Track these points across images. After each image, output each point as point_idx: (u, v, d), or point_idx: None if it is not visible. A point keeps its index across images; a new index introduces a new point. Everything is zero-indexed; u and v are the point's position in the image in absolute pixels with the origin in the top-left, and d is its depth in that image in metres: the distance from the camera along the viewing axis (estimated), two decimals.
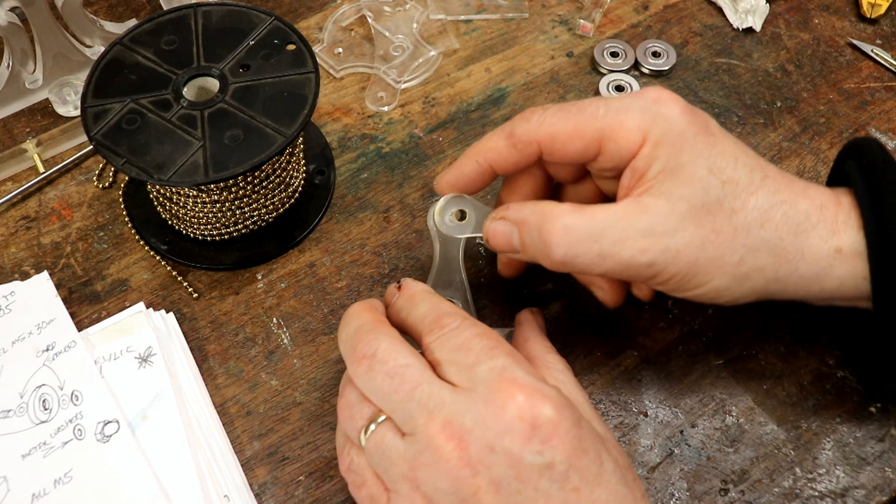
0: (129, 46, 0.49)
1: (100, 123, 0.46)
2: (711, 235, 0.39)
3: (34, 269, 0.51)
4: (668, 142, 0.39)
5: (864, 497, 0.43)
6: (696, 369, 0.47)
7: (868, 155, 0.41)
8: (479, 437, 0.33)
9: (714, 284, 0.40)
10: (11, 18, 0.54)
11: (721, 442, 0.45)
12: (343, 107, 0.59)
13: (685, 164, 0.39)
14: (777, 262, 0.39)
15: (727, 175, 0.39)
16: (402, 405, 0.34)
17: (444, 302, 0.39)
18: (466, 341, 0.36)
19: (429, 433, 0.33)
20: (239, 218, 0.50)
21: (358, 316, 0.38)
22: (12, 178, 0.55)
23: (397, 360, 0.35)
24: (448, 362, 0.36)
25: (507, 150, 0.43)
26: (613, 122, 0.40)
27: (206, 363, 0.47)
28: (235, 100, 0.47)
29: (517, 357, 0.36)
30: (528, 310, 0.46)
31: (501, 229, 0.42)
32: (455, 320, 0.37)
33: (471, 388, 0.34)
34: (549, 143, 0.41)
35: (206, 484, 0.43)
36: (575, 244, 0.39)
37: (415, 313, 0.39)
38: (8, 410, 0.45)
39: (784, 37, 0.62)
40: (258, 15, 0.51)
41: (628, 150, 0.40)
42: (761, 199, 0.39)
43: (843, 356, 0.47)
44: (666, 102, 0.40)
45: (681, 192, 0.39)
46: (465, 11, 0.63)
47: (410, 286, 0.41)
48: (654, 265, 0.39)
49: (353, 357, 0.36)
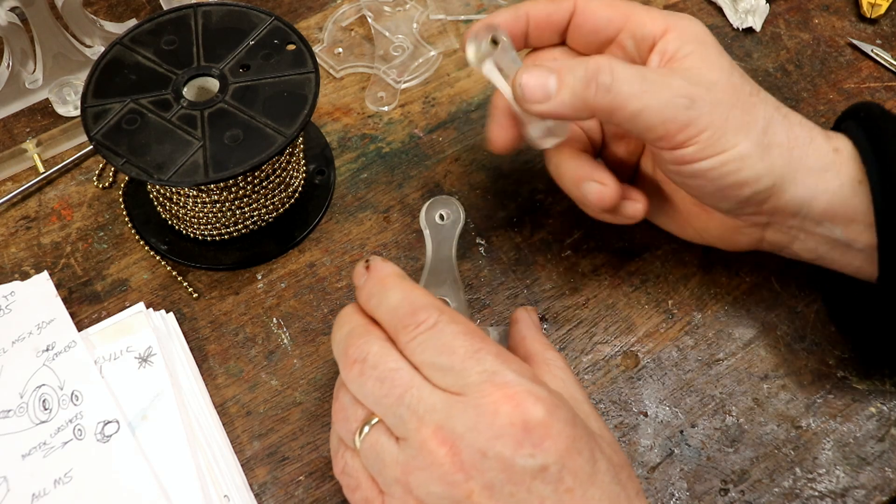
0: (129, 46, 0.49)
1: (100, 123, 0.46)
2: (739, 103, 0.41)
3: (34, 269, 0.51)
4: (692, 35, 0.43)
5: (864, 497, 0.43)
6: (696, 369, 0.47)
7: (864, 110, 0.44)
8: (471, 443, 0.33)
9: (742, 149, 0.41)
10: (11, 18, 0.54)
11: (721, 442, 0.45)
12: (343, 107, 0.59)
13: (712, 52, 0.43)
14: (790, 142, 0.42)
15: (742, 72, 0.43)
16: (392, 409, 0.34)
17: (417, 289, 0.37)
18: (448, 343, 0.35)
19: (421, 438, 0.33)
20: (239, 218, 0.50)
21: (349, 318, 0.38)
22: (12, 178, 0.55)
23: (387, 364, 0.35)
24: (432, 367, 0.34)
25: (543, 3, 0.46)
26: (640, 9, 0.45)
27: (206, 363, 0.47)
28: (235, 100, 0.47)
29: (505, 357, 0.35)
30: (523, 308, 0.46)
31: (535, 73, 0.42)
32: (431, 315, 0.35)
33: (460, 393, 0.34)
34: (585, 1, 0.45)
35: (206, 484, 0.43)
36: (621, 77, 0.40)
37: (385, 303, 0.37)
38: (8, 410, 0.45)
39: (784, 37, 0.62)
40: (258, 15, 0.51)
41: (651, 31, 0.43)
42: (769, 97, 0.43)
43: (843, 356, 0.47)
44: (686, 16, 0.44)
45: (710, 68, 0.42)
46: (465, 11, 0.63)
47: (379, 267, 0.38)
48: (691, 110, 0.40)
49: (344, 361, 0.36)
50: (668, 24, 0.43)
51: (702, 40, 0.43)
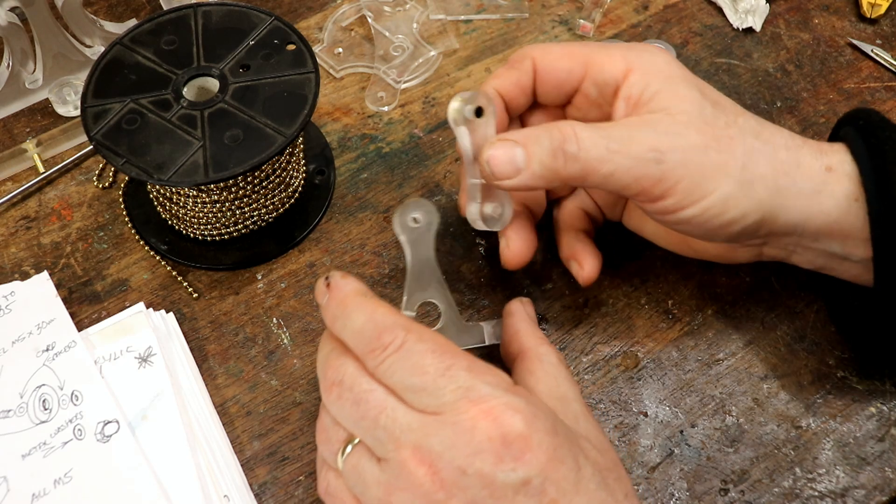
0: (129, 46, 0.49)
1: (100, 123, 0.46)
2: (713, 142, 0.40)
3: (34, 269, 0.51)
4: (655, 70, 0.41)
5: (864, 497, 0.43)
6: (696, 369, 0.47)
7: (864, 117, 0.42)
8: (450, 461, 0.32)
9: (722, 192, 0.40)
10: (11, 18, 0.54)
11: (721, 442, 0.45)
12: (343, 107, 0.59)
13: (678, 86, 0.41)
14: (775, 171, 0.40)
15: (715, 99, 0.42)
16: (370, 431, 0.34)
17: (380, 308, 0.36)
18: (418, 363, 0.34)
19: (400, 459, 0.33)
20: (239, 218, 0.50)
21: (328, 340, 0.37)
22: (12, 178, 0.55)
23: (361, 386, 0.35)
24: (405, 388, 0.34)
25: (505, 71, 0.45)
26: (597, 49, 0.44)
27: (206, 363, 0.47)
28: (235, 100, 0.47)
29: (477, 370, 0.34)
30: (518, 299, 0.45)
31: (503, 148, 0.41)
32: (397, 336, 0.34)
33: (436, 412, 0.33)
34: (542, 57, 0.44)
35: (206, 484, 0.43)
36: (586, 139, 0.40)
37: (350, 326, 0.36)
38: (8, 410, 0.45)
39: (784, 37, 0.62)
40: (258, 15, 0.51)
41: (612, 75, 0.42)
42: (748, 120, 0.42)
43: (843, 356, 0.47)
44: (649, 47, 0.43)
45: (679, 107, 0.40)
46: (465, 11, 0.63)
47: (340, 285, 0.37)
48: (663, 163, 0.39)
49: (324, 384, 0.36)
50: (628, 65, 0.42)
51: (667, 74, 0.42)
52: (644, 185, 0.40)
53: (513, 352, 0.43)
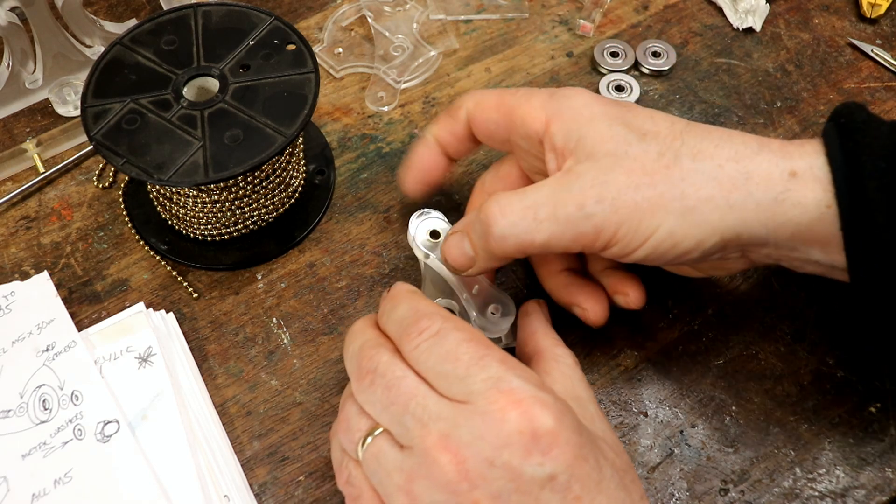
0: (129, 46, 0.49)
1: (100, 123, 0.46)
2: (644, 178, 0.38)
3: (34, 269, 0.51)
4: (574, 116, 0.40)
5: (864, 497, 0.43)
6: (696, 369, 0.47)
7: (847, 115, 0.39)
8: (478, 452, 0.32)
9: (666, 228, 0.38)
10: (11, 18, 0.54)
11: (721, 442, 0.45)
12: (343, 107, 0.59)
13: (600, 127, 0.40)
14: (722, 189, 0.38)
15: (646, 129, 0.40)
16: (398, 417, 0.34)
17: (424, 300, 0.38)
18: (452, 350, 0.34)
19: (425, 446, 0.33)
20: (239, 218, 0.50)
21: (362, 332, 0.38)
22: (12, 178, 0.55)
23: (394, 373, 0.35)
24: (437, 375, 0.34)
25: (444, 120, 0.46)
26: (522, 99, 0.43)
27: (206, 363, 0.47)
28: (235, 100, 0.47)
29: (510, 363, 0.35)
30: (535, 300, 0.45)
31: (454, 243, 0.43)
32: (434, 322, 0.35)
33: (466, 401, 0.33)
34: (474, 108, 0.45)
35: (206, 484, 0.43)
36: (511, 215, 0.39)
37: (394, 315, 0.37)
38: (8, 410, 0.45)
39: (784, 37, 0.62)
40: (258, 15, 0.51)
41: (533, 128, 0.42)
42: (688, 140, 0.39)
43: (843, 356, 0.47)
44: (569, 91, 0.42)
45: (603, 149, 0.39)
46: (465, 11, 0.63)
47: (395, 287, 0.39)
48: (594, 217, 0.38)
49: (357, 373, 0.36)
50: (547, 115, 0.41)
51: (587, 116, 0.40)
52: (584, 242, 0.39)
53: (528, 352, 0.43)
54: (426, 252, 0.45)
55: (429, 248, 0.45)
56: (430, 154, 0.47)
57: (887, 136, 0.37)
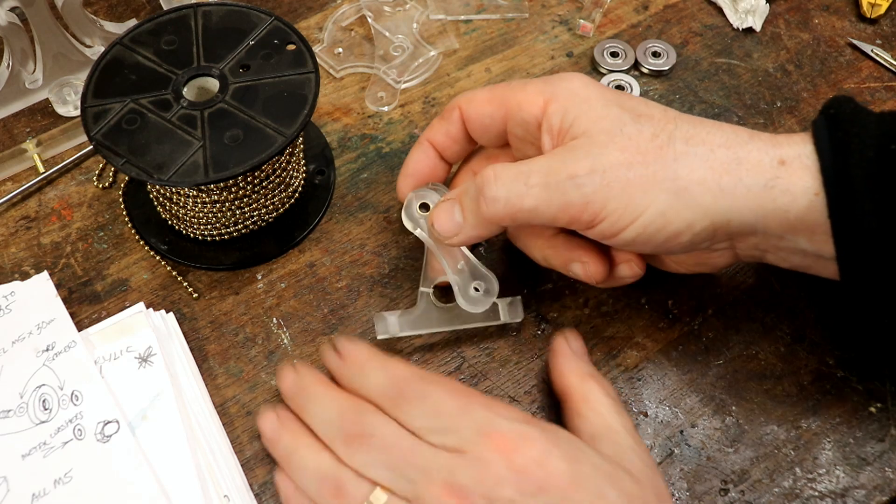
0: (129, 46, 0.49)
1: (100, 123, 0.46)
2: (637, 157, 0.39)
3: (34, 269, 0.51)
4: (570, 96, 0.41)
5: (864, 497, 0.43)
6: (696, 369, 0.47)
7: (836, 107, 0.40)
8: (480, 492, 0.35)
9: (657, 206, 0.38)
10: (11, 18, 0.54)
11: (721, 442, 0.45)
12: (343, 107, 0.59)
13: (596, 107, 0.40)
14: (714, 172, 0.38)
15: (640, 111, 0.41)
16: (402, 472, 0.36)
17: (394, 363, 0.40)
18: (438, 406, 0.37)
19: (432, 493, 0.35)
20: (239, 218, 0.50)
21: (329, 399, 0.40)
22: (12, 178, 0.55)
23: (389, 431, 0.37)
24: (427, 431, 0.37)
25: (437, 123, 0.47)
26: (516, 88, 0.43)
27: (206, 363, 0.47)
28: (235, 100, 0.47)
29: (493, 406, 0.38)
30: (561, 335, 0.45)
31: (444, 208, 0.43)
32: (416, 386, 0.38)
33: (460, 449, 0.36)
34: (467, 105, 0.45)
35: (206, 484, 0.43)
36: (504, 178, 0.40)
37: (368, 384, 0.40)
38: (8, 410, 0.45)
39: (784, 37, 0.62)
40: (258, 15, 0.51)
41: (531, 112, 0.42)
42: (681, 125, 0.40)
43: (843, 356, 0.47)
44: (566, 75, 0.43)
45: (598, 127, 0.40)
46: (465, 11, 0.63)
47: (352, 351, 0.41)
48: (584, 187, 0.38)
49: (344, 439, 0.38)
50: (545, 97, 0.42)
51: (583, 97, 0.41)
52: (572, 214, 0.39)
53: (559, 391, 0.43)
54: (414, 224, 0.46)
55: (417, 221, 0.46)
56: (425, 158, 0.48)
57: (875, 125, 0.38)
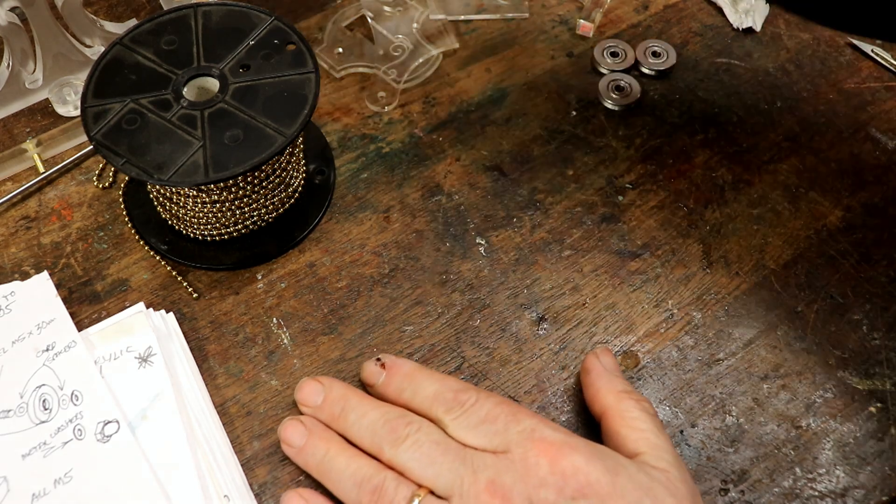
0: (129, 46, 0.49)
1: (100, 123, 0.46)
2: None
3: (34, 269, 0.51)
4: None
5: (864, 497, 0.43)
6: (696, 369, 0.47)
7: None
8: (520, 492, 0.37)
9: None
10: (11, 18, 0.54)
11: (721, 442, 0.45)
12: (343, 107, 0.59)
13: None
14: None
15: None
16: (448, 466, 0.38)
17: (444, 376, 0.42)
18: (490, 413, 0.40)
19: (476, 491, 0.37)
20: (239, 218, 0.50)
21: (372, 407, 0.42)
22: (12, 178, 0.55)
23: (438, 432, 0.40)
24: (478, 434, 0.39)
25: None
26: None
27: (206, 363, 0.47)
28: (235, 100, 0.47)
29: (539, 417, 0.40)
30: (593, 353, 0.45)
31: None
32: (471, 395, 0.41)
33: (505, 451, 0.38)
34: None
35: (206, 484, 0.43)
36: None
37: (422, 393, 0.42)
38: (8, 410, 0.45)
39: (784, 37, 0.62)
40: (258, 15, 0.51)
41: None
42: None
43: (843, 356, 0.47)
44: None
45: None
46: (465, 11, 0.64)
47: (399, 364, 0.44)
48: None
49: (392, 438, 0.40)
50: None
51: None
52: None
53: (597, 412, 0.43)
54: None
55: None
56: None
57: None
